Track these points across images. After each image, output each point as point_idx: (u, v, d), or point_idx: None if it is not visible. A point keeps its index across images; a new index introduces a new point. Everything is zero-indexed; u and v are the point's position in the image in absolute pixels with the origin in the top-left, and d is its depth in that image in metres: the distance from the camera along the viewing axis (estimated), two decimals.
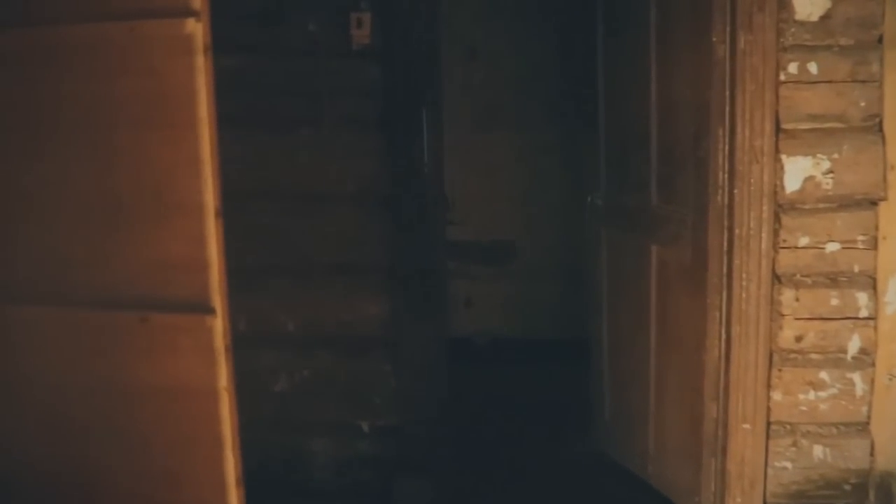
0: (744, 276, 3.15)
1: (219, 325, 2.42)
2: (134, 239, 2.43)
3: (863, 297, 3.14)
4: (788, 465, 3.24)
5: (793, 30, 3.02)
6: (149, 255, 2.43)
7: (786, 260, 3.14)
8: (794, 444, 3.23)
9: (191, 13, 2.36)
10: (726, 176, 3.16)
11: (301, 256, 3.89)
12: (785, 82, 3.04)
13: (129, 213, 2.41)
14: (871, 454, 3.22)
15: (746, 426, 3.23)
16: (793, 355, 3.19)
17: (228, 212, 3.61)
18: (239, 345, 3.88)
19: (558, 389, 5.17)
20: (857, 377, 3.18)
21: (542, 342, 5.75)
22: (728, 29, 3.08)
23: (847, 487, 3.23)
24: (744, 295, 3.17)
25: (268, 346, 3.93)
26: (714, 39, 3.12)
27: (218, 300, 2.41)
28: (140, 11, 2.35)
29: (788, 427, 3.23)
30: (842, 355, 3.18)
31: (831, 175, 3.08)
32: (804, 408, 3.21)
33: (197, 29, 2.36)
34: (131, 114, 2.40)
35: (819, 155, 3.07)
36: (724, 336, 3.25)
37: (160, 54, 2.35)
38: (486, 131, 5.86)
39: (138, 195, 2.40)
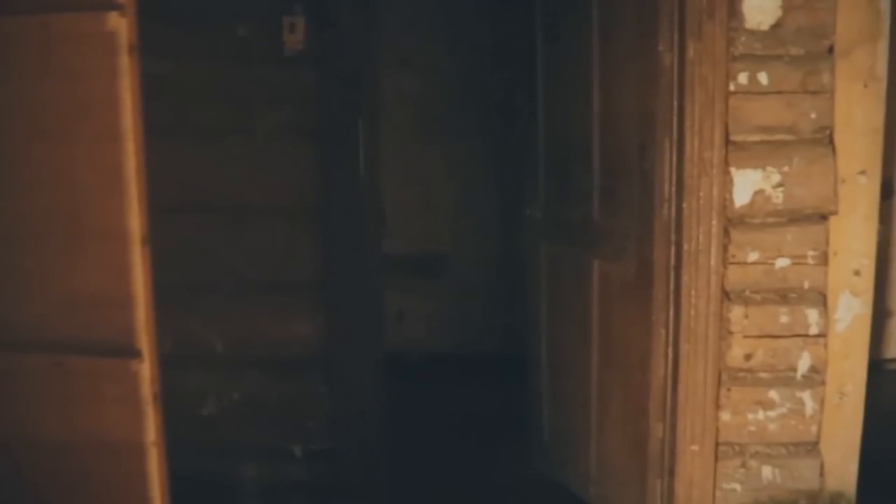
0: (693, 292, 3.07)
1: (146, 370, 2.17)
2: (46, 270, 2.13)
3: (813, 314, 3.07)
4: (737, 486, 3.17)
5: (743, 38, 2.95)
6: (64, 288, 2.13)
7: (735, 276, 3.07)
8: (743, 465, 3.16)
9: (113, 6, 2.09)
10: (673, 188, 3.08)
11: (230, 273, 3.74)
12: (735, 93, 2.97)
13: (41, 240, 2.11)
14: (822, 475, 3.17)
15: (695, 447, 3.15)
16: (742, 374, 3.12)
17: (154, 225, 3.49)
18: (164, 366, 3.78)
19: (494, 407, 5.07)
20: (806, 396, 3.12)
21: (477, 357, 5.65)
22: (676, 37, 3.00)
23: None
24: (692, 312, 3.08)
25: (195, 368, 3.76)
26: (660, 48, 3.04)
27: (145, 341, 2.15)
28: (54, 4, 2.07)
29: (737, 448, 3.16)
30: (791, 374, 3.12)
31: (781, 188, 3.01)
32: (753, 428, 3.14)
33: (121, 25, 2.11)
34: (44, 124, 2.11)
35: (769, 168, 3.00)
36: (671, 354, 3.17)
37: (78, 54, 2.08)
38: (417, 141, 5.74)
39: (51, 219, 2.09)
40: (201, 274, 3.72)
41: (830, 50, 2.96)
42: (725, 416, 3.13)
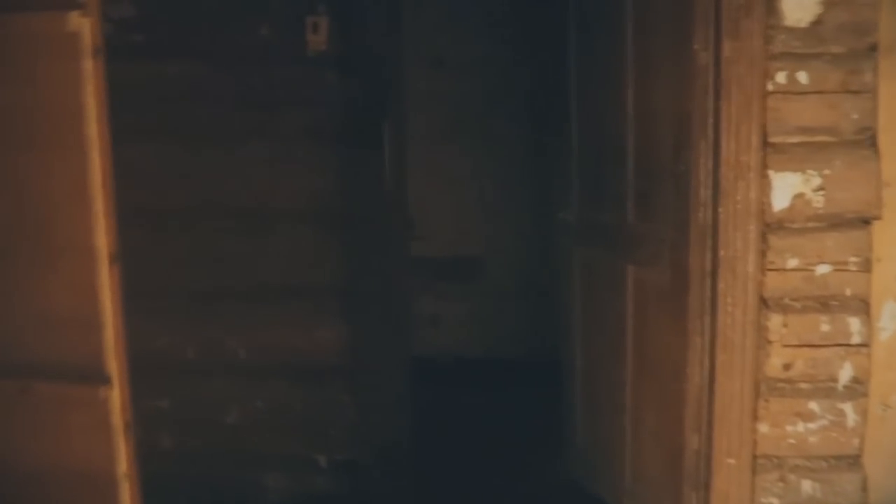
0: (729, 300, 2.95)
1: (115, 397, 2.01)
2: (11, 288, 1.99)
3: (855, 323, 2.94)
4: (776, 501, 3.05)
5: (782, 37, 2.82)
6: (28, 310, 1.99)
7: (773, 283, 2.94)
8: (782, 479, 3.03)
9: (74, 5, 1.93)
10: (709, 192, 2.96)
11: (253, 279, 3.69)
12: (773, 92, 2.85)
13: (5, 256, 1.97)
14: (864, 489, 3.03)
15: (731, 461, 3.03)
16: (780, 384, 2.99)
17: (173, 231, 3.43)
18: (188, 373, 3.74)
19: (528, 413, 5.00)
20: (848, 408, 2.99)
21: (511, 363, 5.58)
22: (712, 35, 2.88)
23: None
24: (729, 321, 2.96)
25: (218, 375, 3.73)
26: (696, 47, 2.92)
27: (114, 366, 2.00)
28: (10, 3, 1.92)
29: (776, 461, 3.03)
30: (833, 384, 2.98)
31: (822, 192, 2.89)
32: (792, 440, 3.01)
33: (83, 25, 1.93)
34: (5, 132, 1.97)
35: (809, 170, 2.88)
36: (707, 364, 3.05)
37: (38, 58, 1.93)
38: (452, 142, 5.68)
39: (14, 235, 1.95)
40: (223, 280, 3.68)
41: (873, 48, 2.82)
42: (763, 428, 3.01)
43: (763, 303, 2.95)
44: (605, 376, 3.73)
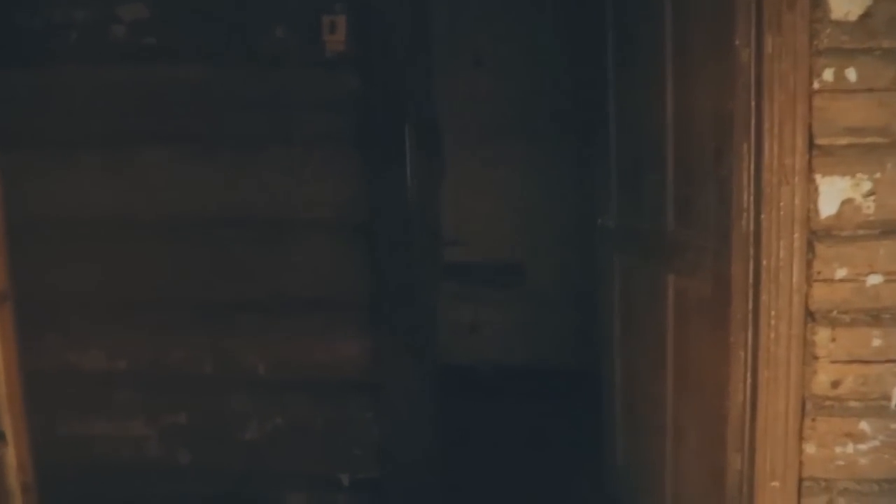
0: (772, 313, 2.78)
1: (10, 456, 1.80)
2: None
3: None
4: None
5: (828, 31, 2.65)
6: None
7: (820, 294, 2.77)
8: (830, 502, 2.86)
9: None
10: (752, 198, 2.79)
11: (271, 291, 3.58)
12: (819, 91, 2.67)
13: None
14: None
15: (775, 483, 2.86)
16: (828, 403, 2.82)
17: (189, 240, 3.35)
18: (205, 388, 3.65)
19: (569, 425, 4.87)
20: None
21: (552, 372, 5.45)
22: (753, 31, 2.71)
23: None
24: (772, 335, 2.79)
25: (236, 391, 3.64)
26: (737, 43, 2.75)
27: (8, 422, 1.78)
28: None
29: (823, 484, 2.86)
30: (885, 403, 2.80)
31: (873, 197, 2.71)
32: (841, 462, 2.84)
33: None
34: None
35: (859, 174, 2.70)
36: (749, 380, 2.88)
37: None
38: (492, 145, 5.57)
39: None
40: (241, 292, 3.58)
41: None
42: (810, 448, 2.84)
43: (809, 316, 2.79)
44: (645, 390, 3.59)
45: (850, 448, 2.83)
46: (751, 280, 2.83)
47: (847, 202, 2.72)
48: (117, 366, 3.67)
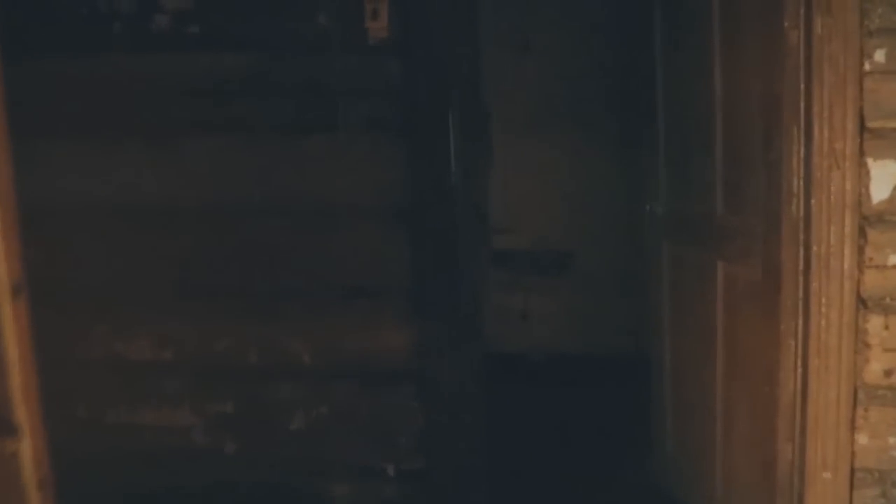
0: (823, 300, 2.72)
1: (26, 450, 1.72)
2: None
3: None
4: None
5: (879, 10, 2.57)
6: None
7: (872, 281, 2.69)
8: (884, 494, 2.79)
9: None
10: (801, 183, 2.73)
11: (316, 279, 3.56)
12: (870, 73, 2.59)
13: None
14: None
15: (827, 474, 2.80)
16: (881, 392, 2.74)
17: (234, 229, 3.35)
18: (250, 378, 3.66)
19: (619, 412, 4.81)
20: None
21: (604, 359, 5.39)
22: (802, 11, 2.64)
23: None
24: (823, 323, 2.73)
25: (281, 380, 3.63)
26: (786, 24, 2.69)
27: (24, 414, 1.71)
28: None
29: (876, 475, 2.79)
30: None
31: None
32: (895, 453, 2.76)
33: None
34: None
35: None
36: (800, 369, 2.82)
37: None
38: (541, 131, 5.50)
39: None
40: (285, 280, 3.57)
41: None
42: (863, 439, 2.77)
43: (861, 303, 2.71)
44: (695, 377, 3.54)
45: None
46: (801, 267, 2.78)
47: None
48: (163, 355, 3.68)
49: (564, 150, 5.54)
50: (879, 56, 2.59)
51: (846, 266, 2.69)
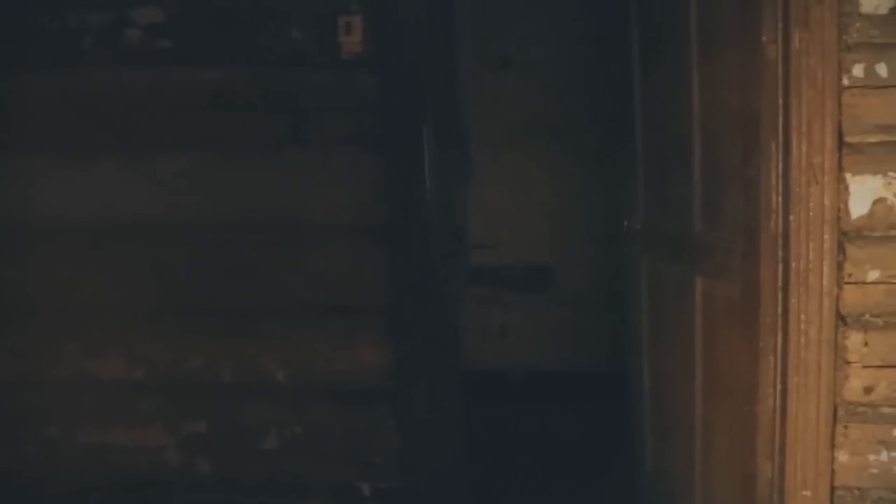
0: (802, 317, 2.69)
1: None
2: None
3: None
4: None
5: (857, 25, 2.57)
6: None
7: (852, 297, 2.68)
8: None
9: None
10: (780, 198, 2.70)
11: (290, 297, 3.55)
12: (849, 87, 2.59)
13: None
14: None
15: (806, 492, 2.77)
16: (861, 409, 2.73)
17: (207, 246, 3.33)
18: (224, 397, 3.63)
19: (601, 429, 4.79)
20: None
21: (584, 375, 5.37)
22: (780, 25, 2.62)
23: None
24: (802, 339, 2.71)
25: (255, 399, 3.60)
26: (764, 38, 2.67)
27: None
28: None
29: (857, 493, 2.77)
30: None
31: None
32: (875, 470, 2.75)
33: None
34: None
35: (891, 173, 2.62)
36: (779, 386, 2.80)
37: None
38: (520, 146, 5.52)
39: None
40: (259, 298, 3.55)
41: None
42: (842, 456, 2.75)
43: (840, 319, 2.70)
44: (674, 395, 3.51)
45: (884, 456, 2.74)
46: (780, 283, 2.75)
47: (879, 202, 2.64)
48: (136, 374, 3.65)
49: (544, 164, 5.55)
50: (858, 71, 2.58)
51: (825, 282, 2.67)
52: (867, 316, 2.69)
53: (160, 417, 3.65)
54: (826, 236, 2.64)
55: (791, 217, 2.66)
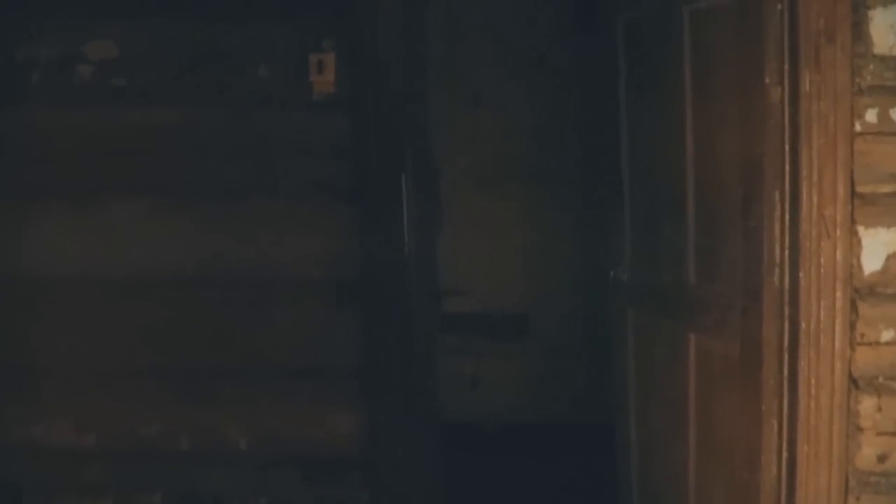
0: (812, 381, 2.53)
1: None
2: None
3: None
4: None
5: (871, 67, 2.41)
6: None
7: (864, 359, 2.52)
8: None
9: None
10: (786, 252, 2.55)
11: (255, 358, 3.41)
12: (861, 133, 2.43)
13: None
14: None
15: None
16: (874, 479, 2.56)
17: (165, 303, 3.17)
18: (181, 466, 3.43)
19: (579, 484, 4.63)
20: None
21: (563, 427, 5.23)
22: (787, 67, 2.47)
23: None
24: (812, 405, 2.54)
25: (216, 469, 3.44)
26: (767, 80, 2.51)
27: None
28: None
29: None
30: None
31: None
32: None
33: None
34: None
35: None
36: (785, 453, 2.62)
37: None
38: (493, 188, 5.39)
39: None
40: (221, 359, 3.40)
41: None
42: None
43: (853, 383, 2.53)
44: (665, 458, 3.33)
45: None
46: (786, 343, 2.59)
47: (893, 256, 2.48)
48: (86, 441, 3.47)
49: (519, 207, 5.45)
50: (871, 116, 2.43)
51: (837, 344, 2.51)
52: (881, 379, 2.52)
53: (111, 489, 3.48)
54: (838, 294, 2.48)
55: (801, 273, 2.50)
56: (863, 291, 2.49)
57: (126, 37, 3.33)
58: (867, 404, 2.52)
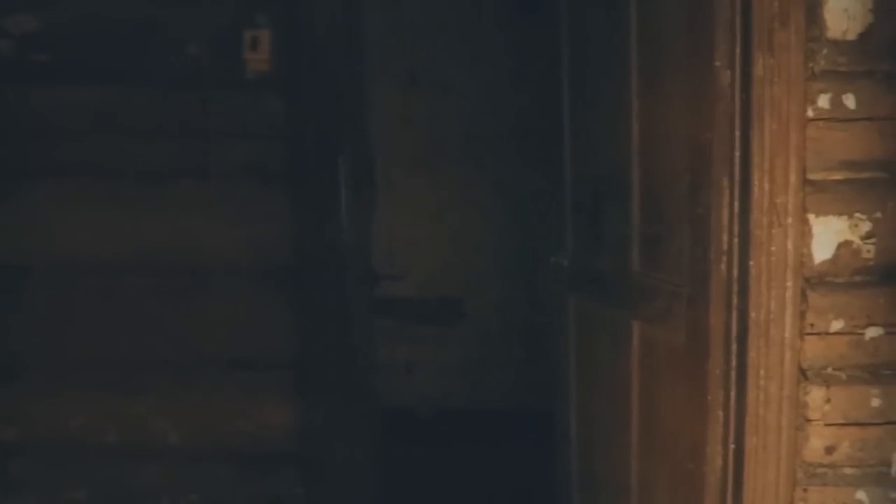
0: (762, 372, 2.49)
1: None
2: None
3: None
4: None
5: (824, 51, 2.37)
6: None
7: (813, 350, 2.49)
8: None
9: None
10: (735, 240, 2.50)
11: (185, 349, 3.33)
12: (814, 119, 2.39)
13: None
14: None
15: None
16: (821, 470, 2.55)
17: (89, 291, 3.07)
18: (108, 459, 3.33)
19: (517, 473, 4.58)
20: None
21: (499, 413, 5.22)
22: (738, 49, 2.41)
23: None
24: (761, 396, 2.51)
25: (145, 463, 3.36)
26: (717, 63, 2.46)
27: None
28: None
29: None
30: (884, 470, 2.54)
31: (873, 240, 2.44)
32: None
33: None
34: None
35: (857, 214, 2.43)
36: (732, 445, 2.59)
37: None
38: (428, 170, 5.33)
39: None
40: (149, 349, 3.31)
41: None
42: None
43: (801, 373, 2.50)
44: (607, 448, 3.29)
45: None
46: (734, 333, 2.55)
47: (844, 245, 2.45)
48: (7, 435, 3.36)
49: (455, 190, 5.40)
50: (823, 101, 2.39)
51: (787, 334, 2.47)
52: (829, 369, 2.50)
53: (34, 485, 3.37)
54: (789, 283, 2.45)
55: (751, 262, 2.45)
56: (813, 281, 2.46)
57: (48, 11, 3.22)
58: (816, 395, 2.49)
